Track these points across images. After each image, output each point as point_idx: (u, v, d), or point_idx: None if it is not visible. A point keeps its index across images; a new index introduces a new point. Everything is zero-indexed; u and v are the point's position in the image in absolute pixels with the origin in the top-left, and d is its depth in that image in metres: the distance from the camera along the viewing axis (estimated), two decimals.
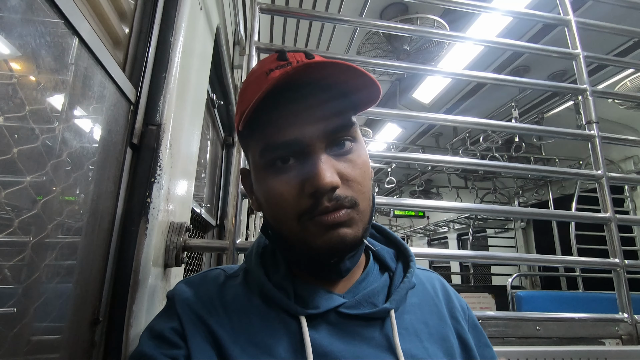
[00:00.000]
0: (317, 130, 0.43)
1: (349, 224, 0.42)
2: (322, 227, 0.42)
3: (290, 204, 0.43)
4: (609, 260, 0.94)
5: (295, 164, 0.44)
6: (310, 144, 0.43)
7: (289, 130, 0.43)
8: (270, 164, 0.44)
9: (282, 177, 0.44)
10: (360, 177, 0.45)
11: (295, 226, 0.43)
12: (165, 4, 0.74)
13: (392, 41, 2.01)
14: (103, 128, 0.57)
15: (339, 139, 0.45)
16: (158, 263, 0.69)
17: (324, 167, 0.41)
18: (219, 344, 0.42)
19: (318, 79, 0.43)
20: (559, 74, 2.61)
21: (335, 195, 0.42)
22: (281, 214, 0.44)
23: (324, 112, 0.44)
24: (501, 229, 5.50)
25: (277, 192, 0.44)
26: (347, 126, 0.45)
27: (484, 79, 1.11)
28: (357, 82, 0.44)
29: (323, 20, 1.07)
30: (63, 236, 0.48)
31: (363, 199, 0.44)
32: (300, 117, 0.43)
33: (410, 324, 0.48)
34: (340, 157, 0.44)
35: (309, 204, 0.42)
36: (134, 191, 0.63)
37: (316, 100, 0.44)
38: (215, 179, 1.85)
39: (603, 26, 1.17)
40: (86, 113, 0.54)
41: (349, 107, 0.46)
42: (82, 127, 0.53)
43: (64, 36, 0.46)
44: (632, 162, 3.33)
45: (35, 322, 0.44)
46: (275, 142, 0.43)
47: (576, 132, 1.03)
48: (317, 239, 0.42)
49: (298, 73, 0.40)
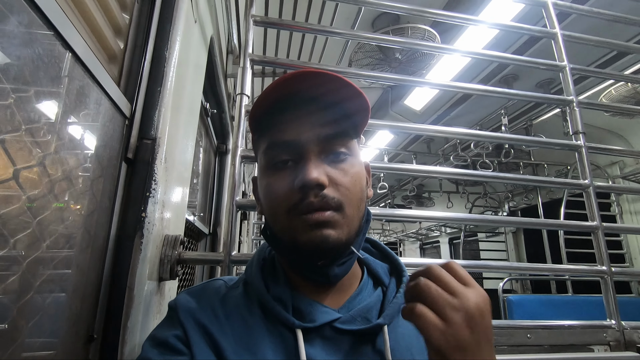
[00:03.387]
0: (312, 135, 0.47)
1: (333, 225, 0.45)
2: (306, 225, 0.45)
3: (282, 198, 0.47)
4: (596, 267, 0.96)
5: (292, 165, 0.48)
6: (306, 146, 0.47)
7: (288, 132, 0.48)
8: (272, 162, 0.49)
9: (279, 174, 0.48)
10: (349, 184, 0.48)
11: (285, 220, 0.47)
12: (160, 18, 0.75)
13: (384, 50, 2.04)
14: (98, 143, 0.57)
15: (334, 147, 0.48)
16: (152, 277, 0.68)
17: (312, 165, 0.46)
18: (220, 353, 0.44)
19: (316, 90, 0.48)
20: (547, 82, 2.67)
21: (322, 194, 0.45)
22: (274, 208, 0.48)
23: (319, 120, 0.48)
24: (492, 232, 5.56)
25: (273, 187, 0.48)
26: (340, 135, 0.49)
27: (472, 90, 1.13)
28: (347, 92, 0.48)
29: (316, 33, 1.08)
30: (58, 252, 0.48)
31: (350, 205, 0.47)
32: (299, 122, 0.48)
33: (402, 338, 0.49)
34: (332, 164, 0.48)
35: (297, 199, 0.45)
36: (128, 206, 0.63)
37: (315, 108, 0.49)
38: (208, 187, 1.84)
39: (588, 39, 1.20)
40: (82, 128, 0.54)
41: (344, 119, 0.50)
42: (78, 143, 0.53)
43: (58, 52, 0.46)
44: (618, 167, 3.40)
45: (28, 339, 0.43)
46: (276, 141, 0.49)
47: (563, 142, 1.05)
48: (302, 236, 0.45)
49: (294, 77, 0.46)
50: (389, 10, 1.14)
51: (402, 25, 1.91)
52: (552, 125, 2.99)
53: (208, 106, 1.49)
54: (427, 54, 2.01)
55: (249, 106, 0.90)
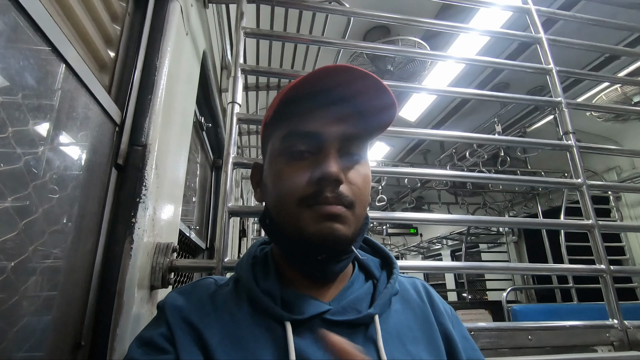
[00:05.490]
0: (337, 131, 0.47)
1: (343, 220, 0.45)
2: (318, 216, 0.44)
3: (295, 187, 0.46)
4: (594, 266, 0.95)
5: (309, 157, 0.48)
6: (327, 140, 0.47)
7: (312, 123, 0.48)
8: (288, 150, 0.48)
9: (295, 162, 0.48)
10: (361, 185, 0.48)
11: (294, 211, 0.46)
12: (151, 29, 0.77)
13: (376, 62, 2.08)
14: (88, 149, 0.57)
15: (352, 148, 0.49)
16: (143, 285, 0.67)
17: (334, 160, 0.46)
18: (207, 348, 0.43)
19: (347, 89, 0.48)
20: (537, 89, 2.71)
21: (338, 191, 0.45)
22: (284, 196, 0.47)
23: (346, 118, 0.48)
24: (493, 243, 5.52)
25: (287, 174, 0.47)
26: (361, 137, 0.50)
27: (465, 94, 1.15)
28: (379, 96, 0.48)
29: (307, 43, 1.11)
30: (45, 256, 0.48)
31: (360, 205, 0.48)
32: (325, 115, 0.48)
33: (394, 328, 0.48)
34: (350, 163, 0.49)
35: (311, 191, 0.45)
36: (118, 211, 0.63)
37: (342, 104, 0.49)
38: (205, 202, 1.84)
39: (572, 42, 1.23)
40: (70, 134, 0.54)
41: (369, 122, 0.51)
42: (67, 148, 0.53)
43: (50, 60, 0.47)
44: (615, 173, 3.41)
45: (14, 346, 0.42)
46: (299, 130, 0.48)
47: (554, 143, 1.06)
48: (311, 227, 0.45)
49: (326, 72, 0.45)
50: (380, 20, 1.17)
51: (393, 38, 1.95)
52: (546, 133, 3.01)
53: (203, 120, 1.50)
54: (418, 64, 2.05)
55: (240, 114, 0.91)
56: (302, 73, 1.06)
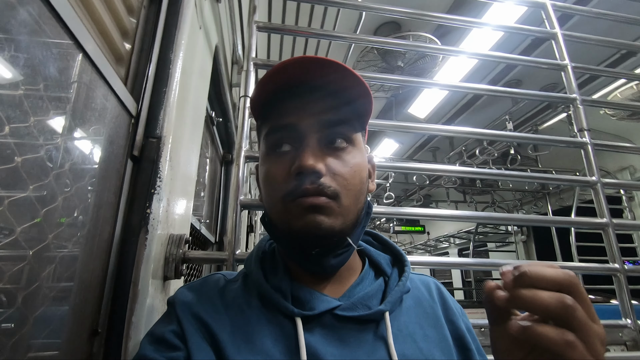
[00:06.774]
0: (313, 120, 0.47)
1: (327, 212, 0.44)
2: (301, 209, 0.44)
3: (279, 184, 0.46)
4: (608, 265, 0.94)
5: (290, 150, 0.48)
6: (305, 130, 0.47)
7: (288, 117, 0.48)
8: (272, 148, 0.49)
9: (279, 159, 0.48)
10: (348, 175, 0.46)
11: (281, 207, 0.46)
12: (165, 22, 0.77)
13: (387, 58, 2.07)
14: (105, 140, 0.58)
15: (335, 136, 0.48)
16: (157, 275, 0.68)
17: (309, 152, 0.45)
18: (217, 344, 0.43)
19: (320, 78, 0.48)
20: (550, 87, 2.67)
21: (319, 182, 0.44)
22: (271, 194, 0.48)
23: (321, 106, 0.48)
24: (502, 242, 5.47)
25: (271, 173, 0.48)
26: (341, 123, 0.48)
27: (477, 90, 1.14)
28: (349, 80, 0.48)
29: (319, 37, 1.11)
30: (63, 246, 0.49)
31: (347, 195, 0.46)
32: (301, 107, 0.48)
33: (405, 326, 0.48)
34: (332, 153, 0.47)
35: (292, 186, 0.45)
36: (134, 202, 0.64)
37: (317, 95, 0.48)
38: (215, 196, 1.85)
39: (589, 38, 1.21)
40: (89, 124, 0.55)
41: (346, 107, 0.49)
42: (85, 138, 0.54)
43: (70, 51, 0.48)
44: (628, 172, 3.36)
45: (34, 332, 0.43)
46: (277, 125, 0.49)
47: (568, 140, 1.05)
48: (297, 221, 0.44)
49: (296, 63, 0.45)
50: (392, 15, 1.16)
51: (404, 33, 1.94)
52: (558, 132, 2.97)
53: (213, 114, 1.51)
54: (428, 60, 2.04)
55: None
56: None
